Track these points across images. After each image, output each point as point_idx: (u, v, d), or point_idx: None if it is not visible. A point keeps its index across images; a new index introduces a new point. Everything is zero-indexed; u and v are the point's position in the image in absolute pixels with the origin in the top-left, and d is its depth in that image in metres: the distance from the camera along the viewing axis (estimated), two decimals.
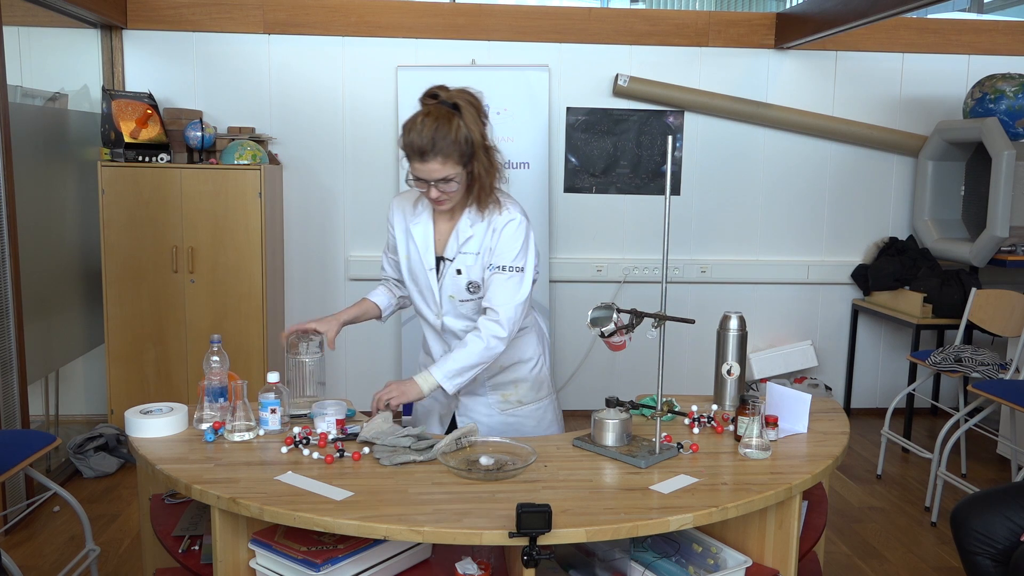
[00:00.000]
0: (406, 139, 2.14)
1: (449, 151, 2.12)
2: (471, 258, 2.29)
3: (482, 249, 2.29)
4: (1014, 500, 2.28)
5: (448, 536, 1.64)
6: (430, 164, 2.14)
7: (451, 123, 2.13)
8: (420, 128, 2.12)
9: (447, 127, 2.12)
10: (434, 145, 2.11)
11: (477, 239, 2.28)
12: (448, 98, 2.18)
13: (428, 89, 2.22)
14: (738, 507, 1.78)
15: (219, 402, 2.18)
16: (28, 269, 3.63)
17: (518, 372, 2.46)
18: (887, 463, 4.28)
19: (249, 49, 4.65)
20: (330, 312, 5.03)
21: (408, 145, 2.14)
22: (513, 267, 2.26)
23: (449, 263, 2.31)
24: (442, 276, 2.33)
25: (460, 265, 2.30)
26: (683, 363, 5.00)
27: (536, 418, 2.50)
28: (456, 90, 2.20)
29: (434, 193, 2.19)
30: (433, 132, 2.11)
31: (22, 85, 4.04)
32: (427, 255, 2.32)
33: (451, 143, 2.12)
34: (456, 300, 2.33)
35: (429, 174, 2.15)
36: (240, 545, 1.84)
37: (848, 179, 5.02)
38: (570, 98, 4.81)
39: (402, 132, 2.17)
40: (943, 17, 5.15)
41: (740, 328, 2.35)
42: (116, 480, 3.97)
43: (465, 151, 2.16)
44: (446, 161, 2.13)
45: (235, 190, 4.16)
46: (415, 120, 2.14)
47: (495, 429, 2.42)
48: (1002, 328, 4.06)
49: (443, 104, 2.17)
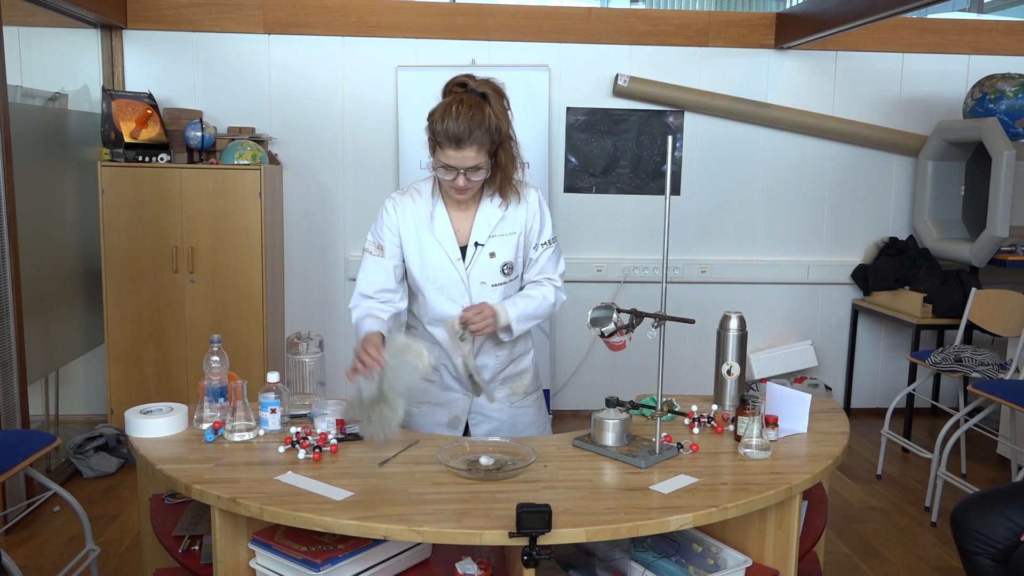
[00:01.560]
0: (440, 127, 2.13)
1: (483, 140, 2.14)
2: (505, 239, 2.30)
3: (517, 229, 2.31)
4: (1014, 500, 2.28)
5: (448, 536, 1.64)
6: (465, 152, 2.13)
7: (483, 112, 2.14)
8: (455, 116, 2.11)
9: (481, 115, 2.13)
10: (470, 133, 2.11)
11: (512, 220, 2.30)
12: (477, 87, 2.19)
13: (455, 78, 2.22)
14: (738, 507, 1.78)
15: (219, 402, 2.18)
16: (28, 269, 3.63)
17: (523, 363, 2.47)
18: (887, 463, 4.28)
19: (249, 49, 4.65)
20: (331, 312, 5.04)
21: (443, 132, 2.12)
22: (553, 239, 2.38)
23: (480, 248, 2.30)
24: (470, 264, 2.31)
25: (493, 248, 2.30)
26: (683, 363, 5.00)
27: (536, 407, 2.51)
28: (483, 79, 2.22)
29: (461, 181, 2.18)
30: (469, 120, 2.11)
31: (22, 85, 4.04)
32: (451, 246, 2.30)
33: (484, 132, 2.13)
34: (488, 286, 2.31)
35: (462, 162, 2.15)
36: (240, 545, 1.84)
37: (848, 179, 5.02)
38: (570, 98, 4.81)
39: (432, 120, 2.16)
40: (943, 17, 5.15)
41: (740, 328, 2.35)
42: (116, 480, 3.97)
43: (495, 140, 2.18)
44: (480, 149, 2.14)
45: (235, 190, 4.16)
46: (448, 108, 2.13)
47: (506, 423, 2.43)
48: (1002, 328, 4.06)
49: (472, 92, 2.18)
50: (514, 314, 2.29)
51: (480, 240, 2.29)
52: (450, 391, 2.41)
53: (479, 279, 2.30)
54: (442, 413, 2.42)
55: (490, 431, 2.41)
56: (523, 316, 2.31)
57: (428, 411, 2.43)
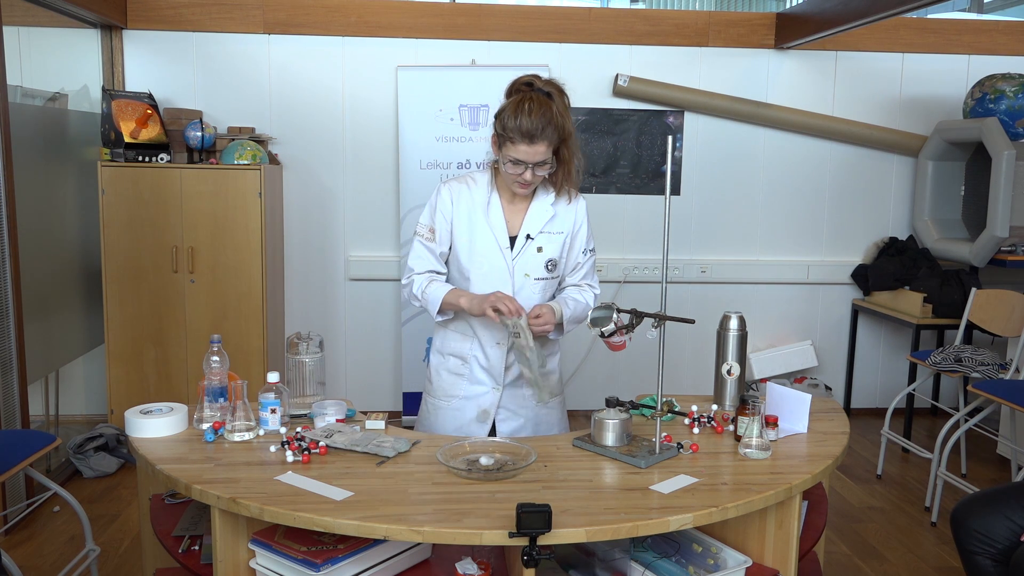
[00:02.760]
0: (514, 123, 2.20)
1: (552, 136, 2.23)
2: (554, 236, 2.38)
3: (566, 229, 2.40)
4: (1014, 500, 2.28)
5: (448, 536, 1.64)
6: (538, 146, 2.21)
7: (551, 109, 2.23)
8: (529, 112, 2.20)
9: (550, 113, 2.22)
10: (542, 129, 2.20)
11: (562, 219, 2.39)
12: (543, 87, 2.28)
13: (522, 77, 2.33)
14: (738, 507, 1.78)
15: (219, 402, 2.18)
16: (28, 269, 3.63)
17: (551, 364, 2.53)
18: (887, 463, 4.28)
19: (249, 49, 4.65)
20: (331, 312, 5.04)
21: (516, 128, 2.20)
22: (593, 249, 2.49)
23: (529, 241, 2.36)
24: (518, 255, 2.36)
25: (542, 243, 2.37)
26: (683, 363, 5.00)
27: (560, 409, 2.58)
28: (548, 80, 2.32)
29: (528, 175, 2.26)
30: (540, 116, 2.20)
31: (22, 85, 4.04)
32: (502, 235, 2.35)
33: (554, 129, 2.23)
34: (531, 279, 2.37)
35: (533, 156, 2.22)
36: (240, 545, 1.84)
37: (848, 179, 5.02)
38: (570, 98, 4.79)
39: (503, 117, 2.23)
40: (943, 17, 5.15)
41: (740, 328, 2.35)
42: (116, 480, 3.97)
43: (561, 137, 2.27)
44: (549, 145, 2.24)
45: (235, 190, 4.16)
46: (520, 105, 2.21)
47: (531, 421, 2.48)
48: (1002, 328, 4.05)
49: (539, 91, 2.27)
50: (566, 315, 2.38)
51: (532, 233, 2.37)
52: (479, 384, 2.44)
53: (523, 271, 2.37)
54: (471, 407, 2.44)
55: (516, 428, 2.46)
56: (572, 318, 2.41)
57: (457, 405, 2.45)
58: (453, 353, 2.46)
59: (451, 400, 2.46)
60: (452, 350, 2.46)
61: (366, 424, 2.21)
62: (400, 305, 4.74)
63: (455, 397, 2.45)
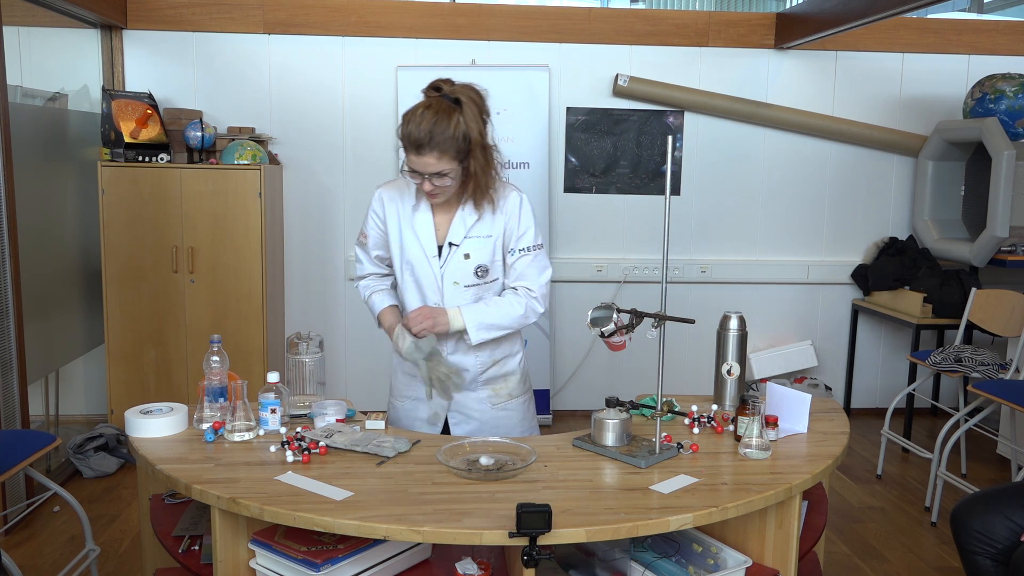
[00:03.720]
0: (404, 130, 2.13)
1: (446, 146, 2.11)
2: (481, 241, 2.29)
3: (494, 232, 2.29)
4: (1014, 500, 2.28)
5: (448, 536, 1.64)
6: (425, 158, 2.12)
7: (451, 118, 2.11)
8: (419, 120, 2.10)
9: (446, 122, 2.10)
10: (431, 139, 2.09)
11: (487, 222, 2.28)
12: (451, 92, 2.15)
13: (433, 81, 2.19)
14: (738, 507, 1.78)
15: (219, 402, 2.18)
16: (28, 269, 3.63)
17: (508, 365, 2.45)
18: (887, 463, 4.28)
19: (249, 49, 4.65)
20: (331, 312, 5.04)
21: (406, 136, 2.12)
22: (536, 245, 2.32)
23: (455, 248, 2.29)
24: (445, 263, 2.31)
25: (468, 249, 2.28)
26: (683, 363, 5.00)
27: (522, 411, 2.48)
28: (461, 85, 2.18)
29: (427, 187, 2.17)
30: (431, 126, 2.09)
31: (22, 85, 4.04)
32: (429, 243, 2.30)
33: (448, 139, 2.10)
34: (460, 287, 2.31)
35: (424, 167, 2.14)
36: (240, 545, 1.84)
37: (848, 179, 5.02)
38: (570, 98, 4.81)
39: (401, 122, 2.15)
40: (943, 17, 5.15)
41: (740, 328, 2.35)
42: (116, 480, 3.97)
43: (462, 147, 2.14)
44: (442, 156, 2.12)
45: (235, 190, 4.16)
46: (415, 111, 2.13)
47: (487, 424, 2.42)
48: (1002, 328, 4.05)
49: (445, 98, 2.14)
50: (473, 321, 2.26)
51: (455, 240, 2.29)
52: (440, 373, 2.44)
53: (452, 279, 2.31)
54: (423, 408, 2.43)
55: (471, 431, 2.40)
56: (483, 324, 2.28)
57: (410, 406, 2.46)
58: None
59: (405, 400, 2.47)
60: None
61: (366, 424, 2.21)
62: None
63: (408, 398, 2.46)
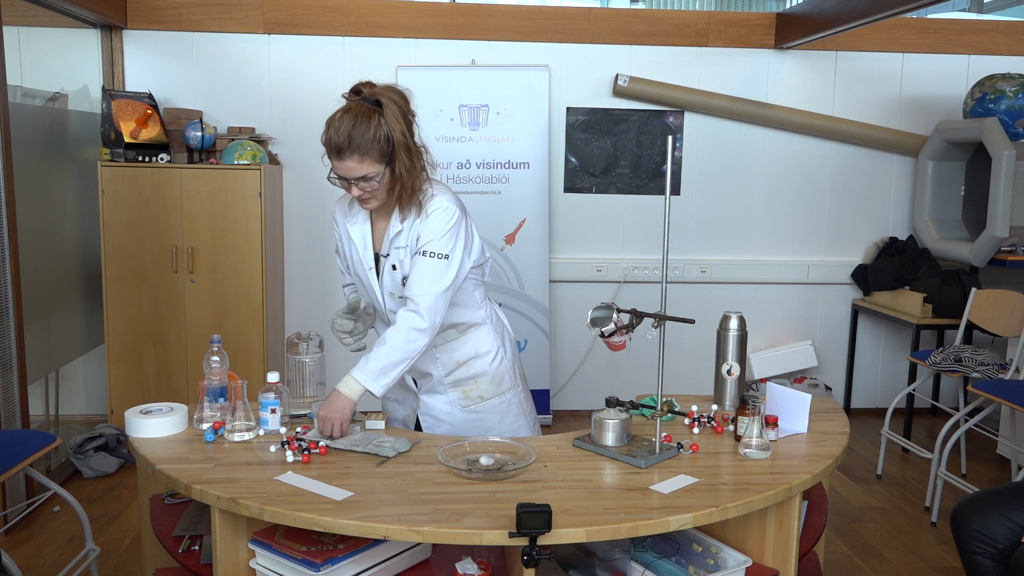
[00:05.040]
0: (325, 136, 2.11)
1: (367, 149, 2.08)
2: (403, 252, 2.25)
3: (410, 242, 2.24)
4: (1014, 500, 2.28)
5: (448, 536, 1.64)
6: (347, 162, 2.10)
7: (370, 121, 2.08)
8: (338, 125, 2.08)
9: (366, 124, 2.07)
10: (351, 143, 2.07)
11: (406, 232, 2.24)
12: (371, 95, 2.12)
13: (353, 85, 2.17)
14: (738, 507, 1.78)
15: (219, 402, 2.18)
16: (28, 269, 3.63)
17: (476, 367, 2.41)
18: (887, 463, 4.28)
19: (249, 49, 4.65)
20: (329, 312, 5.02)
21: (326, 142, 2.11)
22: (437, 253, 2.19)
23: (385, 260, 2.28)
24: (381, 274, 2.31)
25: (395, 260, 2.27)
26: (683, 363, 5.00)
27: (500, 413, 2.45)
28: (382, 87, 2.15)
29: (355, 191, 2.15)
30: (350, 129, 2.07)
31: (22, 85, 4.04)
32: (366, 254, 2.30)
33: (369, 141, 2.07)
34: (396, 296, 2.30)
35: (347, 172, 2.12)
36: (240, 545, 1.84)
37: (848, 179, 5.02)
38: (570, 98, 4.81)
39: (324, 127, 2.14)
40: (943, 17, 5.15)
41: (740, 328, 2.35)
42: (116, 480, 3.97)
43: (385, 149, 2.10)
44: (363, 159, 2.09)
45: (235, 190, 4.16)
46: (335, 117, 2.11)
47: (458, 426, 2.40)
48: (1002, 328, 4.05)
49: (366, 100, 2.11)
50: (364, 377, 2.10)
51: (383, 251, 2.28)
52: (403, 390, 2.48)
53: (388, 290, 2.31)
54: (398, 411, 2.50)
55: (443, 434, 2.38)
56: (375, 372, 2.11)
57: (388, 407, 2.51)
58: None
59: (382, 402, 2.49)
60: None
61: (366, 424, 2.21)
62: None
63: (385, 399, 2.50)
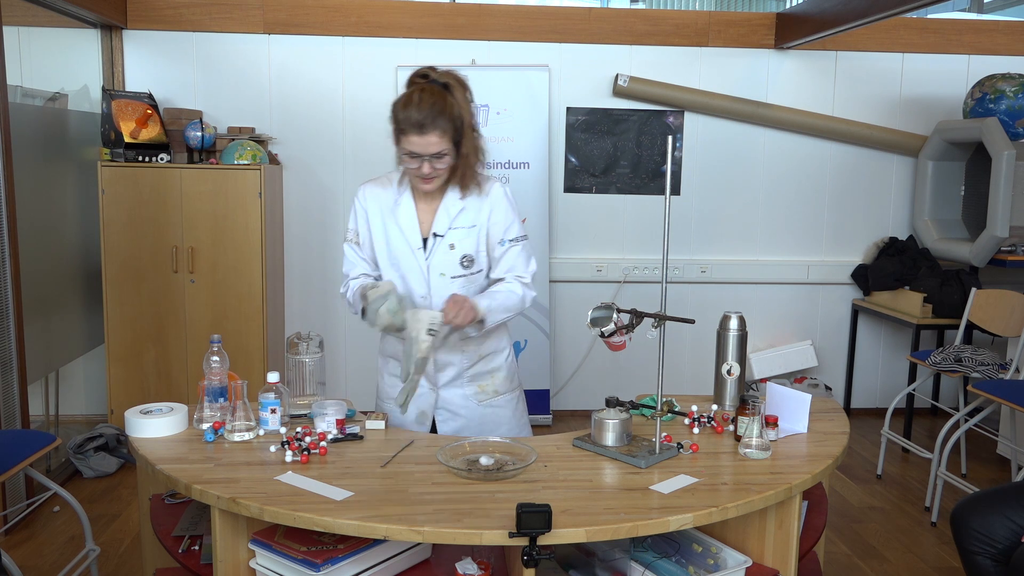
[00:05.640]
0: (403, 114, 2.17)
1: (445, 126, 2.17)
2: (465, 232, 2.31)
3: (478, 222, 2.31)
4: (1014, 500, 2.28)
5: (448, 536, 1.64)
6: (429, 137, 2.16)
7: (445, 100, 2.18)
8: (418, 102, 2.16)
9: (443, 103, 2.17)
10: (433, 119, 2.15)
11: (471, 212, 2.31)
12: (438, 78, 2.23)
13: (418, 70, 2.26)
14: (738, 507, 1.78)
15: (219, 402, 2.18)
16: (28, 269, 3.63)
17: (495, 361, 2.45)
18: (887, 463, 4.28)
19: (249, 49, 4.65)
20: (331, 312, 5.03)
21: (406, 119, 2.17)
22: (520, 237, 2.36)
23: (439, 239, 2.31)
24: (430, 254, 2.32)
25: (453, 239, 2.30)
26: (683, 363, 5.00)
27: (511, 408, 2.49)
28: (445, 71, 2.25)
29: (426, 168, 2.21)
30: (431, 106, 2.15)
31: (22, 85, 4.04)
32: (413, 235, 2.32)
33: (447, 119, 2.17)
34: (447, 277, 2.32)
35: (426, 148, 2.17)
36: (240, 545, 1.84)
37: (848, 179, 5.02)
38: (570, 98, 4.81)
39: (396, 109, 2.20)
40: (943, 17, 5.15)
41: (740, 328, 2.35)
42: (116, 480, 3.97)
43: (458, 128, 2.20)
44: (443, 136, 2.17)
45: (235, 190, 4.16)
46: (410, 96, 2.18)
47: (473, 421, 2.42)
48: (1002, 328, 4.05)
49: (434, 83, 2.22)
50: (484, 305, 2.26)
51: (439, 231, 2.31)
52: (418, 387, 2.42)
53: (438, 270, 2.32)
54: (411, 409, 2.42)
55: (457, 429, 2.41)
56: (494, 307, 2.29)
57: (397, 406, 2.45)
58: (392, 355, 2.46)
59: (390, 402, 2.46)
60: (391, 352, 2.46)
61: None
62: None
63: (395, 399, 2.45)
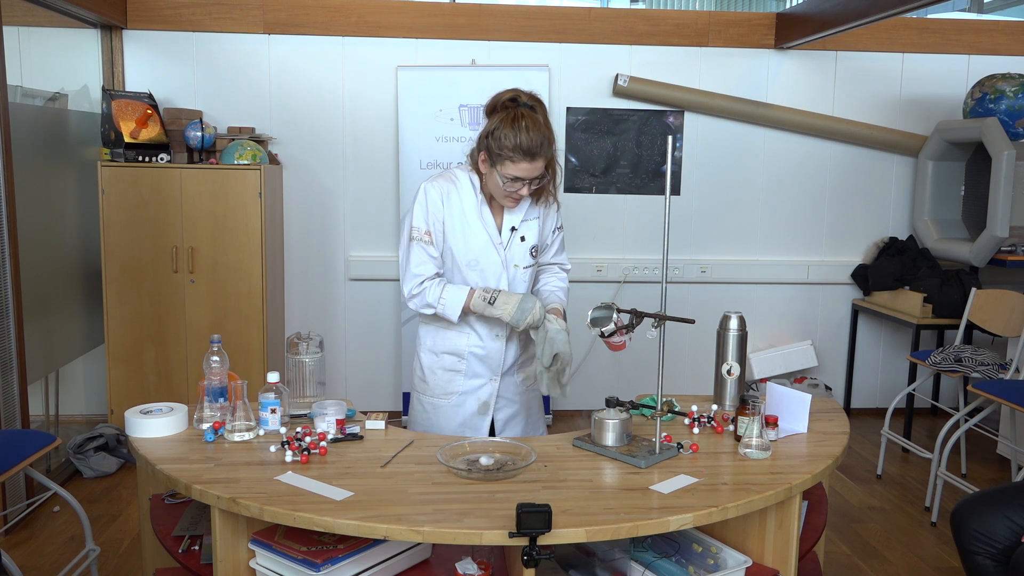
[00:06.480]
0: (514, 140, 2.21)
1: (549, 151, 2.27)
2: (532, 223, 2.44)
3: (540, 213, 2.47)
4: (1014, 500, 2.28)
5: (448, 536, 1.64)
6: (538, 163, 2.25)
7: (541, 123, 2.26)
8: (527, 129, 2.21)
9: (546, 128, 2.26)
10: (542, 145, 2.23)
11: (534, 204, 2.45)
12: (527, 100, 2.28)
13: (504, 93, 2.30)
14: (738, 507, 1.78)
15: (219, 402, 2.18)
16: (28, 269, 3.63)
17: (531, 350, 2.54)
18: (887, 463, 4.28)
19: (249, 49, 4.65)
20: (331, 312, 5.04)
21: (518, 147, 2.21)
22: (561, 224, 2.60)
23: (514, 233, 2.42)
24: (507, 248, 2.42)
25: (524, 232, 2.43)
26: (683, 363, 5.00)
27: (538, 396, 2.62)
28: (528, 93, 2.31)
29: (526, 191, 2.31)
30: (538, 133, 2.22)
31: (22, 85, 4.04)
32: (494, 232, 2.40)
33: (549, 144, 2.27)
34: (520, 268, 2.44)
35: (533, 172, 2.26)
36: (240, 545, 1.84)
37: (848, 179, 5.02)
38: (570, 98, 4.81)
39: (498, 136, 2.23)
40: (943, 17, 5.15)
41: (740, 328, 2.36)
42: (116, 480, 3.97)
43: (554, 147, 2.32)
44: (546, 160, 2.28)
45: (235, 190, 4.16)
46: (518, 122, 2.22)
47: (523, 406, 2.54)
48: (1002, 328, 4.05)
49: (524, 106, 2.27)
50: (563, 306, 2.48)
51: (515, 224, 2.42)
52: (476, 378, 2.48)
53: (513, 262, 2.43)
54: (471, 401, 2.48)
55: (512, 414, 2.52)
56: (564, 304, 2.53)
57: (457, 400, 2.48)
58: (448, 351, 2.48)
59: (451, 397, 2.48)
60: (447, 348, 2.48)
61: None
62: (400, 305, 4.74)
63: (454, 393, 2.48)
